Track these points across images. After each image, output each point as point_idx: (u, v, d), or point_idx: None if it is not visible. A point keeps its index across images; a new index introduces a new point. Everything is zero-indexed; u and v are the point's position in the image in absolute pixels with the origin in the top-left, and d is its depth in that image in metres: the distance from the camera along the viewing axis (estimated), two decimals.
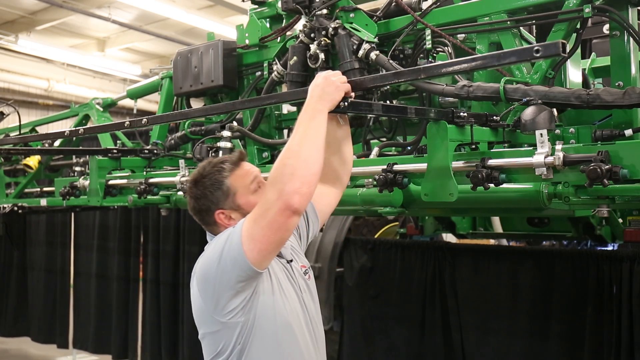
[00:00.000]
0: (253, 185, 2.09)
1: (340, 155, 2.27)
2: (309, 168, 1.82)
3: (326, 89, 1.92)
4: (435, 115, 2.28)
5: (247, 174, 2.10)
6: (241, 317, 1.94)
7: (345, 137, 2.27)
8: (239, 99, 3.27)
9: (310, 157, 1.83)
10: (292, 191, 1.77)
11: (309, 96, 1.94)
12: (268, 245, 1.86)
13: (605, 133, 2.19)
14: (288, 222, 1.81)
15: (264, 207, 1.82)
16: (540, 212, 3.53)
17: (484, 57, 1.86)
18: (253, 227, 1.85)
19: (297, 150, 1.84)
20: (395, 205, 2.70)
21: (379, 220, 5.34)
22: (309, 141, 1.85)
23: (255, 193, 2.07)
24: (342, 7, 2.79)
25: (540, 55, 1.67)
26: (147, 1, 10.42)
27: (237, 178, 2.09)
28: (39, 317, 7.56)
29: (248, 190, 2.07)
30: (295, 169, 1.80)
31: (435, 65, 1.97)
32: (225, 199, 2.08)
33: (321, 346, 2.13)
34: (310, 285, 2.16)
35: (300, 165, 1.81)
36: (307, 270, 2.20)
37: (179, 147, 3.84)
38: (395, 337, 4.35)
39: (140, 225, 6.59)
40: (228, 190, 2.07)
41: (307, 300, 2.10)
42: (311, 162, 1.83)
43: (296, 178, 1.78)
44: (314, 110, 1.90)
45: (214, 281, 1.93)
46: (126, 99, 4.76)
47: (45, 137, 4.27)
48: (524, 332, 3.70)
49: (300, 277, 2.13)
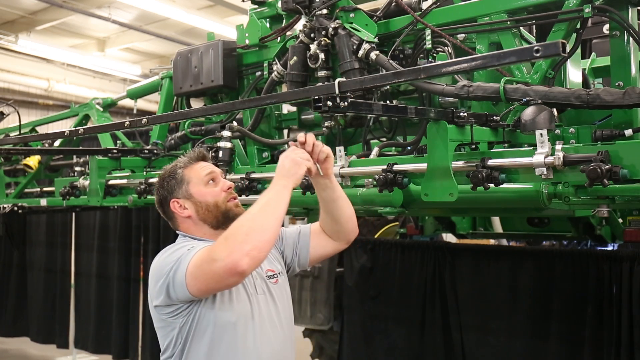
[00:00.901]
0: (207, 177, 2.16)
1: (332, 217, 2.26)
2: (264, 234, 1.85)
3: (287, 166, 2.00)
4: (435, 115, 2.29)
5: (203, 167, 2.19)
6: (180, 318, 1.99)
7: (332, 200, 2.23)
8: (239, 99, 3.27)
9: (266, 224, 1.87)
10: (244, 253, 1.80)
11: (276, 173, 2.02)
12: (207, 288, 1.91)
13: (605, 133, 2.19)
14: (229, 279, 1.84)
15: (212, 256, 1.84)
16: (540, 212, 3.53)
17: (484, 57, 1.86)
18: (197, 268, 1.87)
19: (255, 215, 1.89)
20: (395, 205, 2.70)
21: (379, 220, 5.34)
22: (269, 210, 1.90)
23: (208, 185, 2.15)
24: (342, 7, 2.79)
25: (540, 55, 1.67)
26: (147, 1, 10.42)
27: (191, 170, 2.19)
28: (39, 317, 7.55)
29: (201, 181, 2.15)
30: (250, 231, 1.84)
31: (435, 65, 1.97)
32: (178, 188, 2.17)
33: (281, 347, 2.12)
34: (273, 288, 2.17)
35: (256, 228, 1.85)
36: (275, 275, 2.21)
37: (179, 147, 3.84)
38: (395, 337, 4.35)
39: (140, 225, 6.58)
40: (182, 180, 2.17)
41: (263, 302, 2.10)
42: (266, 229, 1.86)
43: (249, 240, 1.82)
44: (277, 184, 1.98)
45: (158, 285, 1.98)
46: (126, 99, 4.76)
47: (45, 137, 4.27)
48: (524, 332, 3.70)
49: (259, 279, 2.14)
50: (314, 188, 2.24)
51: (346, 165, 2.60)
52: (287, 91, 2.87)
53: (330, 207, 2.24)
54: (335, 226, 2.29)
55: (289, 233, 2.36)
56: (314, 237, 2.33)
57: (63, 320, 7.24)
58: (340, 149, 2.62)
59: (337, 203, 2.24)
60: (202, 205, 2.15)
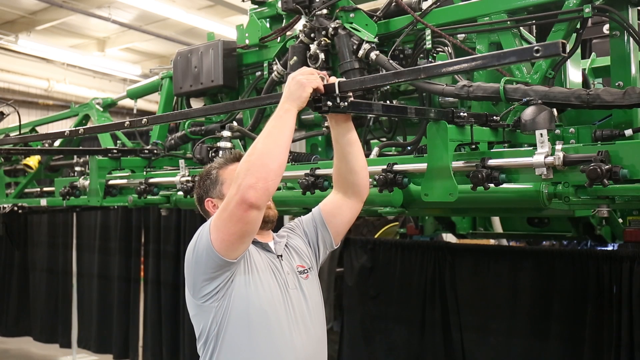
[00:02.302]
0: None
1: (347, 163, 2.25)
2: (266, 164, 1.88)
3: (292, 89, 1.98)
4: (435, 115, 2.28)
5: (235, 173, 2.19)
6: (215, 302, 2.05)
7: (348, 144, 2.22)
8: (239, 99, 3.27)
9: (268, 153, 1.90)
10: (248, 186, 1.85)
11: (282, 96, 2.01)
12: (230, 235, 1.95)
13: (605, 133, 2.19)
14: (245, 215, 1.88)
15: (226, 200, 1.92)
16: (540, 212, 3.53)
17: (484, 57, 1.85)
18: (217, 218, 1.96)
19: (257, 147, 1.92)
20: (395, 205, 2.70)
21: (379, 220, 5.34)
22: (270, 138, 1.93)
23: None
24: (342, 7, 2.79)
25: (540, 55, 1.66)
26: (147, 1, 10.42)
27: (227, 171, 2.22)
28: (42, 317, 7.57)
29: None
30: (252, 165, 1.88)
31: (435, 65, 1.97)
32: (213, 188, 2.22)
33: (314, 345, 2.16)
34: (304, 284, 2.21)
35: (258, 161, 1.89)
36: (306, 271, 2.26)
37: (179, 147, 3.84)
38: (395, 337, 4.35)
39: (141, 226, 6.59)
40: (216, 180, 2.22)
41: (295, 297, 2.15)
42: (269, 159, 1.89)
43: (251, 173, 1.86)
44: (280, 109, 1.98)
45: (191, 267, 2.06)
46: (126, 99, 4.75)
47: (45, 137, 4.27)
48: (524, 332, 3.70)
49: (291, 273, 2.20)
50: (332, 136, 2.22)
51: None
52: None
53: (347, 151, 2.23)
54: (350, 176, 2.27)
55: (306, 222, 2.39)
56: (327, 213, 2.34)
57: (65, 320, 7.25)
58: None
59: (353, 147, 2.23)
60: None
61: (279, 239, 2.30)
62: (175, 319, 6.09)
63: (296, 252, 2.29)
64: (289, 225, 2.43)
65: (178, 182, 3.40)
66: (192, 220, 5.86)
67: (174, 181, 3.45)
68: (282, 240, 2.29)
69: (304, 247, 2.34)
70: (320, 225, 2.35)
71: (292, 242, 2.32)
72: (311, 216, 2.39)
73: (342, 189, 2.31)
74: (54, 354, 7.43)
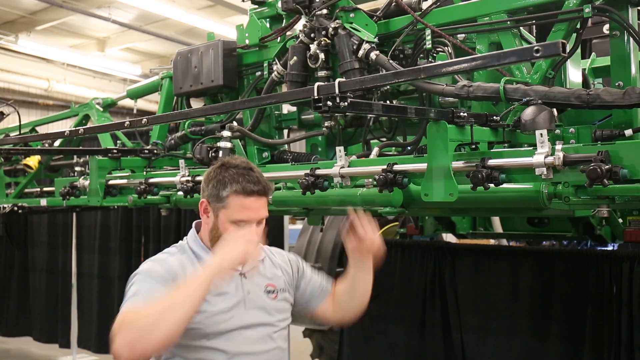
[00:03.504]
0: (239, 222, 2.08)
1: (351, 294, 2.33)
2: (151, 332, 1.79)
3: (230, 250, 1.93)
4: (435, 115, 2.28)
5: (246, 209, 2.09)
6: None
7: (365, 283, 2.31)
8: (239, 99, 3.27)
9: (157, 323, 1.80)
10: (123, 344, 1.79)
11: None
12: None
13: (605, 133, 2.19)
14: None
15: (113, 331, 1.84)
16: (540, 212, 3.52)
17: (484, 57, 1.86)
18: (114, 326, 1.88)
19: (154, 305, 1.85)
20: (395, 205, 2.70)
21: (379, 220, 5.33)
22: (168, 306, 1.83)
23: (234, 224, 2.08)
24: (342, 7, 2.79)
25: (540, 55, 1.67)
26: (147, 1, 10.43)
27: (237, 199, 2.09)
28: (42, 317, 7.57)
29: (233, 216, 2.08)
30: (140, 322, 1.81)
31: (435, 65, 1.97)
32: (215, 199, 2.12)
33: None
34: (270, 303, 2.20)
35: (145, 323, 1.80)
36: (275, 291, 2.23)
37: (179, 147, 3.83)
38: (395, 337, 4.34)
39: (141, 226, 6.59)
40: (223, 198, 2.10)
41: (252, 313, 2.14)
42: (156, 329, 1.80)
43: (132, 331, 1.80)
44: (206, 270, 1.90)
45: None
46: (126, 99, 4.75)
47: (45, 137, 4.27)
48: (524, 332, 3.69)
49: (254, 291, 2.17)
50: (352, 265, 2.28)
51: (346, 165, 2.60)
52: (287, 91, 2.86)
53: (357, 286, 2.30)
54: (348, 301, 2.35)
55: (315, 279, 2.38)
56: (328, 300, 2.37)
57: (65, 320, 7.25)
58: (340, 149, 2.62)
59: (366, 284, 2.31)
60: (216, 230, 2.13)
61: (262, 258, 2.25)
62: None
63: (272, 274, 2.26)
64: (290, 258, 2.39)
65: (178, 182, 3.40)
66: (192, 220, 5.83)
67: (174, 181, 3.45)
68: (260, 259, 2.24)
69: (286, 272, 2.31)
70: (318, 295, 2.36)
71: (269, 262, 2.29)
72: (322, 281, 2.40)
73: (336, 305, 2.36)
74: (54, 354, 7.43)
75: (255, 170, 2.15)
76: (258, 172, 2.15)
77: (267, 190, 2.14)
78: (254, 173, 2.12)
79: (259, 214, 2.11)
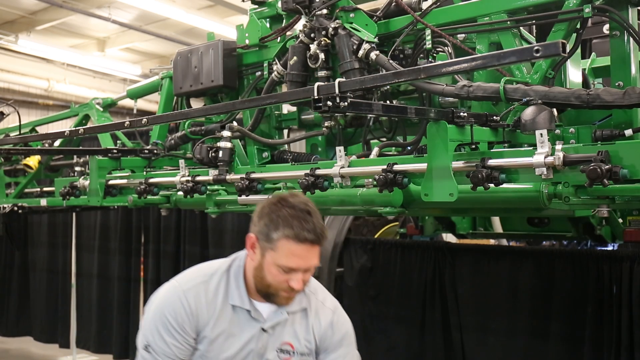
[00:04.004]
0: (287, 269, 1.99)
1: None
2: None
3: None
4: (435, 115, 2.28)
5: (297, 257, 1.99)
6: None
7: None
8: (239, 99, 3.27)
9: None
10: None
11: None
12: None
13: (605, 133, 2.19)
14: None
15: None
16: (540, 212, 3.53)
17: (484, 57, 1.86)
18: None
19: None
20: (395, 205, 2.70)
21: (379, 220, 5.33)
22: None
23: (281, 270, 1.99)
24: (342, 7, 2.79)
25: (540, 55, 1.67)
26: (147, 1, 10.42)
27: (289, 244, 1.98)
28: (42, 317, 7.58)
29: (280, 261, 1.99)
30: None
31: (435, 65, 1.97)
32: (264, 239, 2.02)
33: None
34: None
35: None
36: (291, 352, 2.14)
37: (179, 147, 3.83)
38: (395, 337, 4.35)
39: (140, 226, 6.59)
40: (273, 241, 1.99)
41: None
42: None
43: None
44: None
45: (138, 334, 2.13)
46: (126, 99, 4.75)
47: (45, 137, 4.27)
48: (524, 332, 3.70)
49: (270, 348, 2.11)
50: None
51: (346, 165, 2.60)
52: (287, 91, 2.86)
53: None
54: None
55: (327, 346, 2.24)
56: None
57: (65, 320, 7.25)
58: (340, 149, 2.62)
59: None
60: (261, 271, 2.04)
61: (292, 310, 2.15)
62: None
63: (291, 333, 2.15)
64: (335, 327, 2.26)
65: (178, 182, 3.40)
66: (192, 220, 5.86)
67: (174, 181, 3.45)
68: (288, 320, 2.14)
69: (307, 335, 2.19)
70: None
71: (292, 324, 2.16)
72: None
73: None
74: (55, 353, 7.43)
75: (313, 214, 2.01)
76: (316, 217, 2.01)
77: (322, 239, 2.01)
78: (310, 217, 1.99)
79: (308, 263, 2.01)
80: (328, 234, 2.09)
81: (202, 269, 2.17)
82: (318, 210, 2.05)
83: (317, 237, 1.99)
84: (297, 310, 2.17)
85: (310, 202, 2.07)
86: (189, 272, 2.17)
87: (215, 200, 3.44)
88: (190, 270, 2.18)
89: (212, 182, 3.23)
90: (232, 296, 2.08)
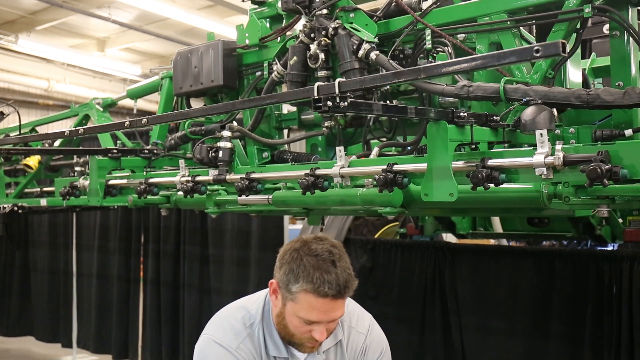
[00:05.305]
0: (308, 322, 1.94)
1: None
2: None
3: None
4: (435, 115, 2.28)
5: (319, 312, 1.91)
6: None
7: None
8: (239, 99, 3.27)
9: None
10: None
11: None
12: None
13: (605, 133, 2.19)
14: None
15: None
16: (540, 212, 3.53)
17: (484, 57, 1.85)
18: None
19: None
20: (395, 205, 2.69)
21: (379, 220, 5.34)
22: None
23: (303, 321, 1.94)
24: (342, 7, 2.79)
25: (540, 55, 1.66)
26: (147, 1, 10.43)
27: (305, 300, 1.91)
28: (44, 317, 7.59)
29: (302, 313, 1.94)
30: None
31: (435, 65, 1.97)
32: (285, 289, 1.96)
33: None
34: None
35: None
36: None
37: (179, 147, 3.83)
38: (395, 337, 4.33)
39: (140, 226, 6.59)
40: (294, 292, 1.92)
41: None
42: None
43: None
44: None
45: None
46: (126, 99, 4.75)
47: (45, 137, 4.27)
48: (524, 332, 3.70)
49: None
50: None
51: (346, 165, 2.60)
52: (287, 91, 2.86)
53: None
54: None
55: None
56: None
57: (67, 320, 7.26)
58: (340, 149, 2.62)
59: None
60: (283, 319, 2.00)
61: (327, 346, 2.11)
62: (175, 319, 6.09)
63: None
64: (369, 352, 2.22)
65: (178, 182, 3.40)
66: (192, 220, 5.86)
67: (174, 181, 3.45)
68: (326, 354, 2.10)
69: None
70: None
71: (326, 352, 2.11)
72: None
73: None
74: (55, 353, 7.44)
75: (338, 265, 1.92)
76: (341, 267, 1.92)
77: (346, 291, 1.92)
78: (334, 269, 1.91)
79: (330, 317, 1.94)
80: (355, 283, 1.95)
81: (241, 318, 2.07)
82: (346, 256, 1.98)
83: (340, 291, 1.90)
84: (332, 345, 2.14)
85: (337, 248, 1.99)
86: (227, 324, 2.07)
87: (215, 200, 3.45)
88: (228, 322, 2.07)
89: (212, 182, 3.23)
90: (270, 347, 2.04)
